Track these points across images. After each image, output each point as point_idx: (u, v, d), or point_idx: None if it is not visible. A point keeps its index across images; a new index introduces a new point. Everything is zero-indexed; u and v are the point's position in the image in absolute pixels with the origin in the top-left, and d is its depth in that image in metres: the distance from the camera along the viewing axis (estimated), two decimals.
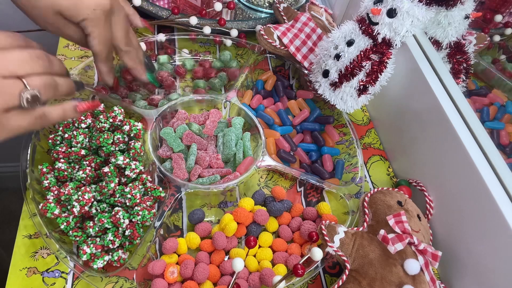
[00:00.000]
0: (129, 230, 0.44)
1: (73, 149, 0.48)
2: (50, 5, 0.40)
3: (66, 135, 0.50)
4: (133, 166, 0.47)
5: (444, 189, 0.51)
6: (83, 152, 0.49)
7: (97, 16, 0.41)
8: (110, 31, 0.45)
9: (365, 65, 0.50)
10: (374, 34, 0.49)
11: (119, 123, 0.51)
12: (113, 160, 0.47)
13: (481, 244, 0.44)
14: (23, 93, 0.32)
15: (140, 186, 0.47)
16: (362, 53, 0.50)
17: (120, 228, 0.44)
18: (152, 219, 0.46)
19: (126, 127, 0.51)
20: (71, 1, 0.40)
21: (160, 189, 0.48)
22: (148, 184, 0.48)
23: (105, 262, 0.43)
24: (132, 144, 0.49)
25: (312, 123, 0.62)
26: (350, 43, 0.51)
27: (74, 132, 0.49)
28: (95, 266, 0.42)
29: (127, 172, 0.47)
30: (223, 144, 0.55)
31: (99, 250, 0.43)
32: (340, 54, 0.51)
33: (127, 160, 0.47)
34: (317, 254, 0.41)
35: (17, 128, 0.33)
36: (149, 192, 0.48)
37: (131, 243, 0.45)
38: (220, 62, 0.67)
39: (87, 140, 0.50)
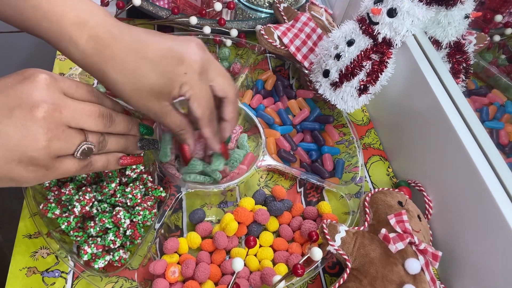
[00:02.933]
0: (130, 230, 0.44)
1: None
2: (140, 86, 0.37)
3: None
4: (134, 166, 0.47)
5: (444, 189, 0.51)
6: None
7: (191, 78, 0.38)
8: (209, 90, 0.41)
9: (366, 65, 0.50)
10: (374, 33, 0.49)
11: None
12: None
13: (481, 244, 0.44)
14: (82, 146, 0.34)
15: (141, 186, 0.47)
16: (362, 52, 0.50)
17: (121, 228, 0.44)
18: (153, 219, 0.46)
19: None
20: (159, 73, 0.37)
21: (161, 189, 0.48)
22: (149, 184, 0.48)
23: (106, 262, 0.43)
24: None
25: (312, 122, 0.62)
26: (350, 43, 0.51)
27: None
28: (96, 266, 0.42)
29: (127, 172, 0.47)
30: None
31: (100, 250, 0.43)
32: (341, 54, 0.51)
33: None
34: (317, 254, 0.41)
35: (65, 172, 0.34)
36: (150, 192, 0.48)
37: (132, 243, 0.45)
38: (221, 62, 0.67)
39: None
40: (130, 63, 0.36)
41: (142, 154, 0.45)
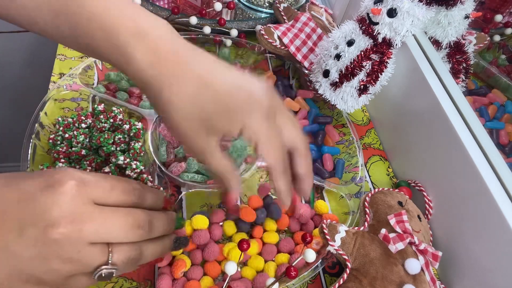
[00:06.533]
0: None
1: (73, 149, 0.48)
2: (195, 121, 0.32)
3: (67, 135, 0.50)
4: (134, 166, 0.47)
5: (444, 189, 0.51)
6: (83, 152, 0.49)
7: (257, 121, 0.33)
8: (279, 137, 0.35)
9: (366, 65, 0.50)
10: (374, 34, 0.49)
11: (119, 123, 0.51)
12: (113, 160, 0.47)
13: (481, 244, 0.44)
14: (99, 271, 0.28)
15: None
16: (362, 53, 0.50)
17: None
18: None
19: (126, 127, 0.51)
20: (221, 106, 0.32)
21: (161, 188, 0.48)
22: (149, 184, 0.48)
23: None
24: (132, 144, 0.49)
25: (310, 125, 0.61)
26: (350, 43, 0.51)
27: (75, 132, 0.49)
28: None
29: (127, 172, 0.47)
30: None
31: None
32: (341, 54, 0.51)
33: (128, 160, 0.47)
34: (310, 255, 0.41)
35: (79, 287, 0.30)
36: None
37: None
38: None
39: (87, 140, 0.50)
40: (190, 87, 0.31)
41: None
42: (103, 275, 0.29)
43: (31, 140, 0.49)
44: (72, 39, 0.33)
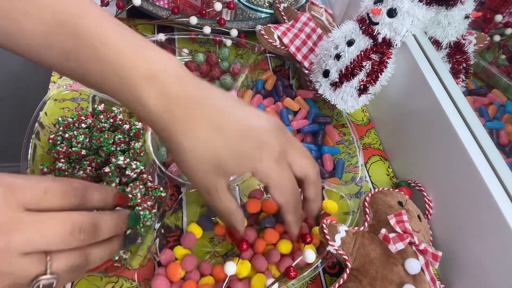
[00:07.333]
0: (130, 230, 0.44)
1: (73, 149, 0.48)
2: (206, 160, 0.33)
3: (67, 135, 0.50)
4: (134, 166, 0.47)
5: (444, 189, 0.51)
6: (83, 152, 0.48)
7: (267, 164, 0.34)
8: (291, 177, 0.37)
9: (366, 65, 0.50)
10: (374, 34, 0.49)
11: (119, 123, 0.51)
12: (113, 160, 0.47)
13: (481, 244, 0.44)
14: (36, 283, 0.26)
15: (141, 186, 0.47)
16: (362, 53, 0.50)
17: None
18: (153, 219, 0.46)
19: (126, 127, 0.51)
20: (232, 151, 0.33)
21: (161, 188, 0.48)
22: (149, 184, 0.48)
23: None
24: (132, 144, 0.49)
25: (310, 126, 0.61)
26: (350, 43, 0.51)
27: (75, 132, 0.49)
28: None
29: (127, 172, 0.47)
30: None
31: None
32: (341, 54, 0.51)
33: (128, 160, 0.47)
34: (310, 256, 0.41)
35: None
36: (150, 192, 0.48)
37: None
38: (222, 62, 0.67)
39: (87, 140, 0.50)
40: (202, 132, 0.32)
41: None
42: (40, 286, 0.26)
43: (31, 140, 0.49)
44: (81, 78, 0.33)
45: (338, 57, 0.51)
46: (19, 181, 0.27)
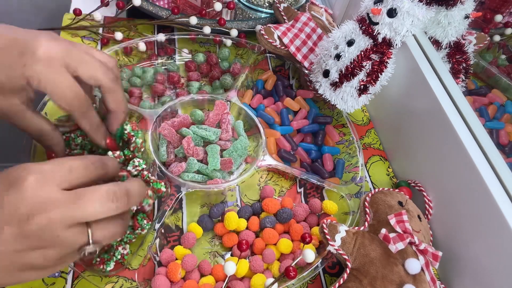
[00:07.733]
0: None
1: (74, 151, 0.48)
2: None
3: (65, 137, 0.49)
4: (136, 163, 0.47)
5: (444, 189, 0.51)
6: (85, 153, 0.48)
7: (35, 70, 0.34)
8: (69, 79, 0.35)
9: (366, 65, 0.50)
10: (374, 34, 0.49)
11: None
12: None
13: (481, 244, 0.44)
14: (81, 252, 0.30)
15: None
16: (362, 53, 0.50)
17: None
18: (150, 205, 0.45)
19: (126, 127, 0.50)
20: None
21: (162, 183, 0.48)
22: (149, 178, 0.48)
23: (114, 264, 0.42)
24: (134, 139, 0.49)
25: (311, 125, 0.61)
26: (350, 43, 0.51)
27: (72, 135, 0.49)
28: (108, 268, 0.42)
29: (129, 168, 0.47)
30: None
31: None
32: (341, 54, 0.51)
33: (130, 155, 0.47)
34: (309, 255, 0.41)
35: (62, 266, 0.31)
36: (151, 184, 0.47)
37: (132, 240, 0.45)
38: (222, 62, 0.67)
39: (86, 141, 0.50)
40: None
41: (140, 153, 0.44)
42: (86, 254, 0.30)
43: (31, 141, 0.49)
44: None
45: (338, 57, 0.52)
46: (46, 166, 0.30)
